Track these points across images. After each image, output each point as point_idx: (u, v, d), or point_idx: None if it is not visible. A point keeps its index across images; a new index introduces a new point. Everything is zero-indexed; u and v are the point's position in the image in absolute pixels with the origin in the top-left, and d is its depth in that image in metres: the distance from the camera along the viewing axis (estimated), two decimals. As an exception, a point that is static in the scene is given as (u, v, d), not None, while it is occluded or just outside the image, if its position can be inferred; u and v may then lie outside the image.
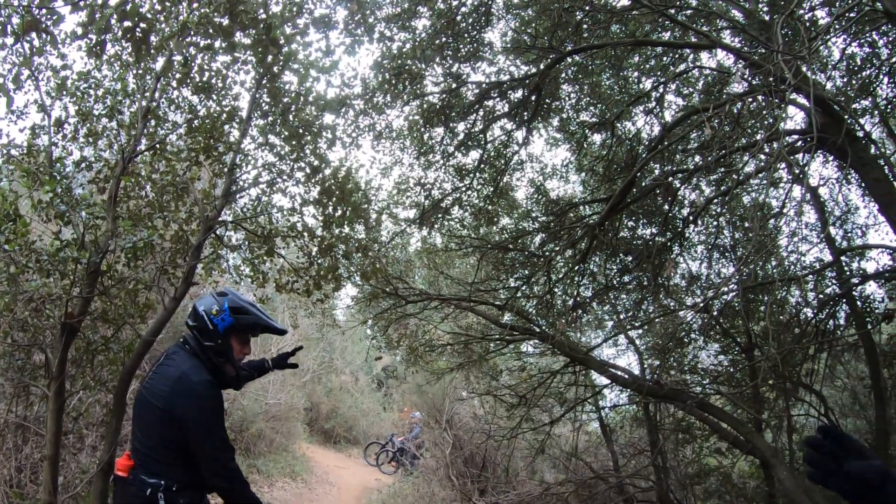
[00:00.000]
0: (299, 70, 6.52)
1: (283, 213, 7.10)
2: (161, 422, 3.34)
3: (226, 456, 3.41)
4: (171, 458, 3.37)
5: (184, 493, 3.39)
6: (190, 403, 3.32)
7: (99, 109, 6.49)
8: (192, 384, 3.36)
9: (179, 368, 3.43)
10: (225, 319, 3.55)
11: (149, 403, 3.39)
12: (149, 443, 3.38)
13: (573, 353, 8.49)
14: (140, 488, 3.32)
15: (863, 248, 8.43)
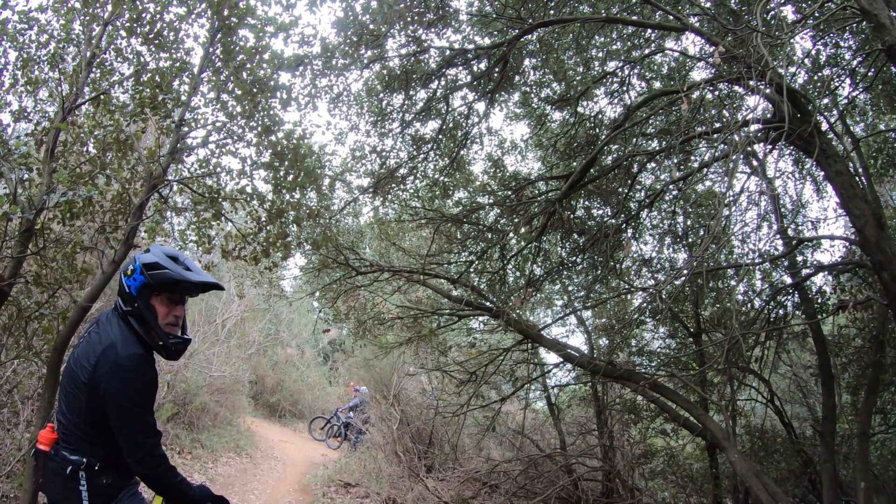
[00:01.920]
0: (256, 26, 6.25)
1: (233, 175, 6.81)
2: (86, 396, 3.03)
3: (150, 441, 3.07)
4: (95, 434, 3.10)
5: (106, 473, 3.16)
6: (113, 380, 2.98)
7: (41, 56, 6.11)
8: (119, 358, 3.01)
9: (108, 338, 3.08)
10: (136, 279, 3.14)
11: (74, 375, 3.08)
12: (73, 417, 3.11)
13: (525, 330, 8.44)
14: (61, 465, 3.10)
15: (818, 239, 8.52)
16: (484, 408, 10.55)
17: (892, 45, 4.79)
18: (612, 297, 9.22)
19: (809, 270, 8.46)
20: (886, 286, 5.54)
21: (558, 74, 8.88)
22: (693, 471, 10.89)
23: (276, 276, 10.60)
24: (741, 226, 8.42)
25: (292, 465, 14.07)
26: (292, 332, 22.62)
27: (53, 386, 5.53)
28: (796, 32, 5.94)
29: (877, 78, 7.56)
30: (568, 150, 8.98)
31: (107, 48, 6.15)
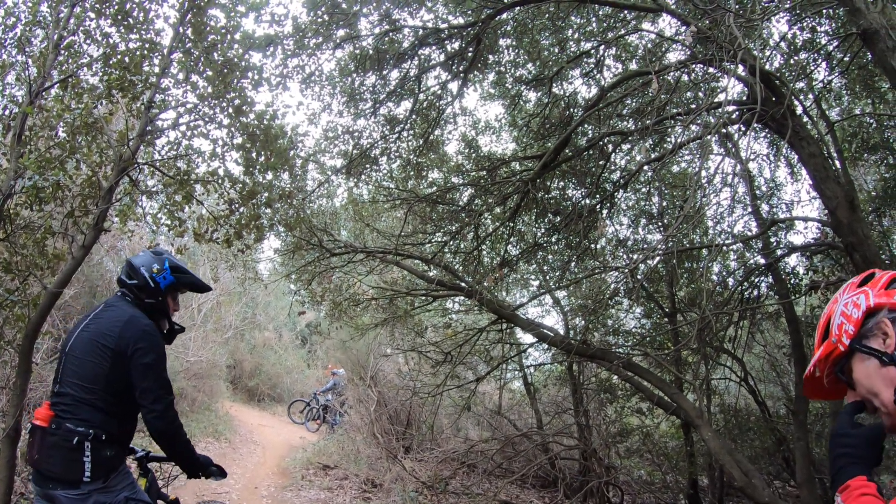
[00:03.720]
0: (227, 5, 6.15)
1: (204, 157, 6.71)
2: (111, 362, 3.33)
3: (169, 398, 3.44)
4: (112, 403, 3.35)
5: (111, 445, 3.34)
6: (142, 342, 3.38)
7: (7, 39, 5.96)
8: (145, 325, 3.47)
9: (127, 312, 3.50)
10: (167, 278, 3.70)
11: (95, 346, 3.36)
12: (89, 386, 3.32)
13: (500, 310, 8.44)
14: (65, 437, 3.22)
15: (792, 220, 8.60)
16: (460, 388, 10.59)
17: (867, 29, 4.78)
18: (587, 276, 9.23)
19: (783, 251, 8.54)
20: (858, 267, 5.58)
21: (533, 55, 8.83)
22: (668, 449, 11.02)
23: (250, 259, 10.52)
24: (715, 206, 8.48)
25: (271, 449, 14.05)
26: (269, 315, 22.53)
27: (26, 374, 5.48)
28: (771, 14, 5.94)
29: (852, 62, 7.58)
30: (542, 131, 8.95)
31: (75, 30, 6.01)
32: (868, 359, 1.71)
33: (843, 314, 1.79)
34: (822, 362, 1.85)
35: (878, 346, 1.69)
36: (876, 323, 1.71)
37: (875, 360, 1.69)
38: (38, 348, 7.46)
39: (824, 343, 1.85)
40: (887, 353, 1.66)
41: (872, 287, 1.76)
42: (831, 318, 1.84)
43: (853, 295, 1.79)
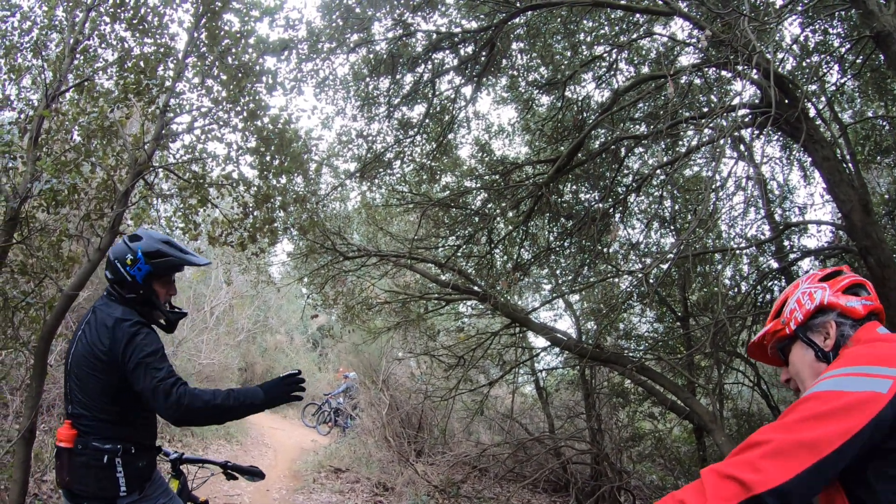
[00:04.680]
0: (241, 10, 6.18)
1: (219, 161, 6.76)
2: (108, 373, 3.11)
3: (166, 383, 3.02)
4: (126, 415, 3.18)
5: (141, 455, 3.23)
6: (129, 345, 3.08)
7: (24, 43, 6.01)
8: (129, 327, 3.13)
9: (112, 317, 3.18)
10: (142, 269, 3.30)
11: (92, 361, 3.13)
12: (98, 404, 3.13)
13: (513, 314, 8.44)
14: (94, 456, 3.08)
15: (805, 224, 8.56)
16: (472, 392, 10.59)
17: (880, 31, 4.78)
18: (600, 280, 9.23)
19: (796, 255, 8.50)
20: (872, 271, 5.56)
21: (546, 58, 8.85)
22: (680, 454, 10.97)
23: (263, 263, 10.56)
24: (728, 210, 8.46)
25: (283, 452, 14.07)
26: (281, 318, 22.57)
27: (41, 375, 5.48)
28: (784, 17, 5.93)
29: (865, 65, 7.56)
30: (555, 135, 8.97)
31: (90, 34, 6.05)
32: (807, 349, 1.90)
33: (798, 301, 1.94)
34: (770, 336, 2.04)
35: (819, 341, 1.87)
36: (823, 321, 1.87)
37: (812, 353, 1.87)
38: (53, 350, 7.52)
39: (775, 321, 2.02)
40: (823, 350, 1.84)
41: (832, 286, 1.90)
42: (787, 300, 2.00)
43: (813, 286, 1.94)
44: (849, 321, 1.84)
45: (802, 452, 1.45)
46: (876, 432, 1.46)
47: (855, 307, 1.85)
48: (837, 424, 1.46)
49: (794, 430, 1.49)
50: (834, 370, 1.62)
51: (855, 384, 1.52)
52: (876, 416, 1.45)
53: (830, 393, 1.53)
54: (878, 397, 1.47)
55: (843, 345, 1.82)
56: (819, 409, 1.50)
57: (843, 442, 1.44)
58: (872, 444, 1.47)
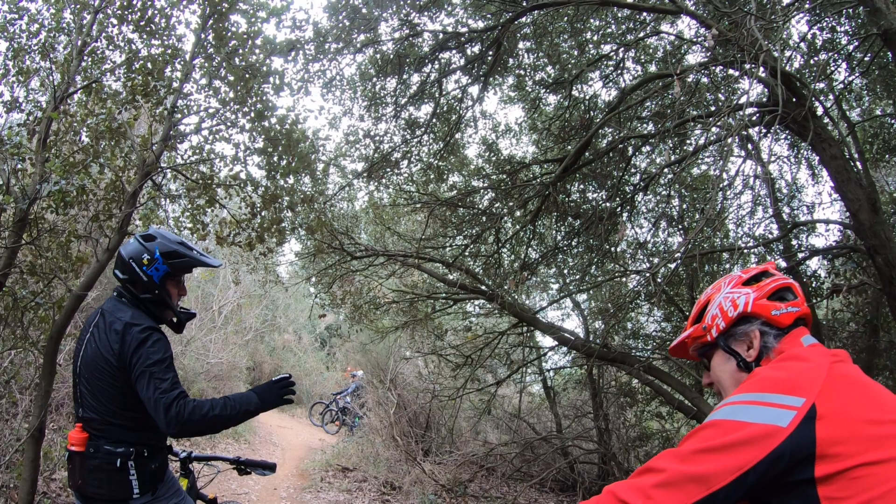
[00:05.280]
0: (248, 11, 6.20)
1: (226, 161, 6.78)
2: (120, 380, 3.09)
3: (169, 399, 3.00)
4: (135, 419, 3.15)
5: (154, 458, 3.23)
6: (138, 351, 3.06)
7: (32, 45, 6.04)
8: (139, 332, 3.10)
9: (122, 321, 3.14)
10: (160, 269, 3.30)
11: (102, 365, 3.11)
12: (109, 407, 3.13)
13: (521, 313, 8.44)
14: (106, 459, 3.08)
15: (813, 223, 8.54)
16: (480, 391, 10.60)
17: (888, 29, 4.77)
18: (607, 280, 9.22)
19: (804, 254, 8.47)
20: (880, 270, 5.54)
21: (552, 57, 8.85)
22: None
23: (271, 262, 10.58)
24: (736, 209, 8.42)
25: (291, 451, 14.12)
26: (289, 317, 22.61)
27: (50, 375, 5.51)
28: (791, 15, 5.92)
29: (873, 63, 7.53)
30: (562, 134, 8.97)
31: (98, 36, 6.07)
32: (729, 358, 1.82)
33: (721, 307, 1.85)
34: (692, 339, 1.95)
35: (741, 351, 1.79)
36: (747, 331, 1.79)
37: (735, 363, 1.81)
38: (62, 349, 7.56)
39: (696, 325, 1.93)
40: (746, 360, 1.77)
41: (757, 291, 1.80)
42: (709, 304, 1.91)
43: (735, 291, 1.84)
44: (774, 330, 1.77)
45: (692, 486, 1.43)
46: (774, 467, 1.42)
47: (780, 316, 1.77)
48: (730, 459, 1.43)
49: (687, 462, 1.47)
50: (738, 395, 1.57)
51: (755, 415, 1.48)
52: (772, 452, 1.41)
53: (729, 423, 1.49)
54: (776, 431, 1.43)
55: (765, 356, 1.76)
56: (714, 442, 1.47)
57: (734, 478, 1.41)
58: (772, 479, 1.44)
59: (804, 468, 1.41)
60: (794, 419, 1.43)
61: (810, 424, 1.42)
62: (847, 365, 1.61)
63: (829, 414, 1.43)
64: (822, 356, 1.62)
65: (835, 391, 1.49)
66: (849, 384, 1.53)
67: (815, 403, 1.45)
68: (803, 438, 1.41)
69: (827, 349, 1.68)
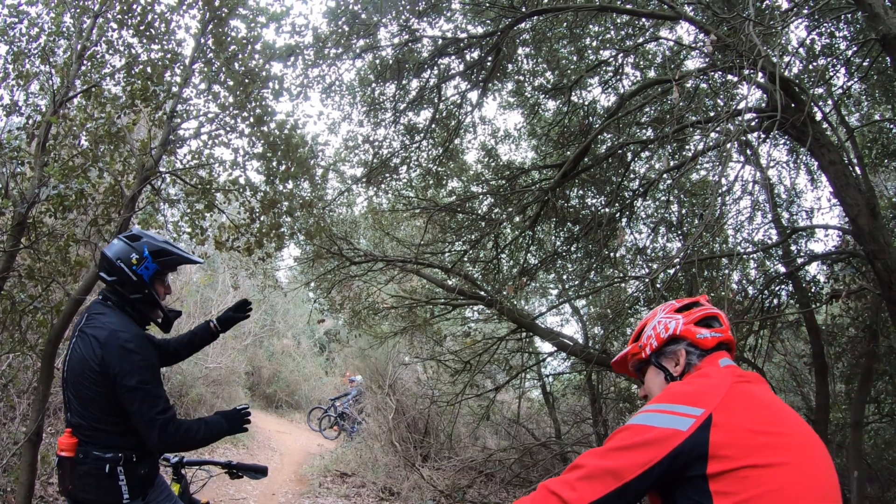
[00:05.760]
0: (247, 16, 6.21)
1: (225, 166, 6.78)
2: (102, 386, 3.06)
3: (163, 417, 3.09)
4: (121, 424, 3.13)
5: (144, 463, 3.21)
6: (122, 363, 3.03)
7: (32, 49, 6.04)
8: (123, 342, 3.07)
9: (108, 326, 3.12)
10: (149, 267, 3.28)
11: (87, 372, 3.08)
12: (94, 413, 3.10)
13: (520, 319, 8.44)
14: (95, 465, 3.07)
15: (812, 228, 8.54)
16: (479, 397, 10.58)
17: (886, 34, 4.77)
18: (606, 285, 9.22)
19: (803, 259, 8.47)
20: (880, 275, 5.53)
21: (552, 63, 8.85)
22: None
23: (270, 267, 10.58)
24: (735, 214, 8.43)
25: (289, 456, 14.09)
26: (288, 322, 22.58)
27: (48, 379, 5.51)
28: (789, 21, 5.92)
29: (871, 68, 7.54)
30: (561, 139, 8.98)
31: (98, 41, 6.09)
32: (659, 372, 2.17)
33: (655, 329, 2.20)
34: (630, 356, 2.32)
35: (669, 367, 2.13)
36: (675, 350, 2.13)
37: (663, 376, 2.15)
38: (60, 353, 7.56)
39: (634, 344, 2.30)
40: (672, 375, 2.11)
41: (686, 317, 2.15)
42: (646, 326, 2.26)
43: (668, 317, 2.20)
44: (697, 351, 2.09)
45: (608, 478, 1.72)
46: (674, 463, 1.70)
47: (704, 339, 2.09)
48: (638, 456, 1.71)
49: (605, 458, 1.76)
50: (651, 404, 1.86)
51: (661, 421, 1.76)
52: (673, 451, 1.69)
53: (639, 427, 1.78)
54: (676, 434, 1.71)
55: (689, 371, 2.09)
56: (627, 442, 1.76)
57: (641, 471, 1.69)
58: (674, 473, 1.71)
59: (698, 465, 1.69)
60: (693, 425, 1.71)
61: (706, 430, 1.71)
62: (752, 385, 1.90)
63: (723, 423, 1.71)
64: (727, 376, 1.91)
65: (731, 405, 1.77)
66: (745, 400, 1.81)
67: (713, 413, 1.73)
68: (699, 441, 1.69)
69: (739, 371, 1.97)
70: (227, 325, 4.15)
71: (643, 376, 2.28)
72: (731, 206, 8.20)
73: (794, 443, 1.75)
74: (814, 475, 1.72)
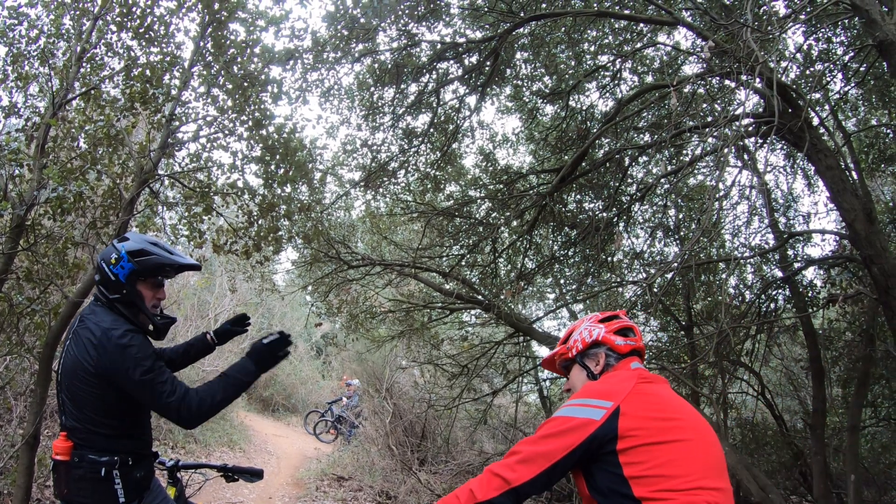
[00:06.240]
0: (247, 19, 6.22)
1: (224, 169, 6.78)
2: (98, 388, 3.03)
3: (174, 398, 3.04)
4: (116, 426, 3.12)
5: (139, 466, 3.20)
6: (121, 361, 3.00)
7: (31, 51, 6.04)
8: (117, 339, 3.02)
9: (100, 326, 3.07)
10: (125, 267, 3.20)
11: (81, 374, 3.05)
12: (89, 416, 3.07)
13: (517, 323, 8.44)
14: (91, 469, 3.05)
15: (809, 233, 8.56)
16: (476, 401, 10.59)
17: (883, 40, 4.80)
18: (604, 290, 9.21)
19: (800, 264, 8.49)
20: (876, 280, 5.55)
21: (550, 68, 8.88)
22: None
23: (267, 271, 10.58)
24: (732, 219, 8.46)
25: (286, 459, 14.07)
26: (285, 325, 22.52)
27: (45, 381, 5.49)
28: (787, 27, 5.95)
29: (868, 73, 7.57)
30: (559, 144, 9.00)
31: (97, 43, 6.09)
32: (582, 370, 2.62)
33: (581, 335, 2.65)
34: (559, 356, 2.75)
35: (591, 366, 2.59)
36: (596, 353, 2.58)
37: (586, 373, 2.60)
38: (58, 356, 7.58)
39: (563, 345, 2.73)
40: (594, 373, 2.56)
41: (607, 327, 2.60)
42: (574, 332, 2.71)
43: (593, 325, 2.64)
44: (614, 354, 2.56)
45: (540, 460, 2.18)
46: (591, 445, 2.16)
47: (620, 346, 2.55)
48: (563, 441, 2.18)
49: (537, 444, 2.21)
50: (572, 399, 2.32)
51: (579, 412, 2.22)
52: (590, 435, 2.16)
53: (562, 418, 2.24)
54: (592, 423, 2.18)
55: (606, 370, 2.55)
56: (553, 430, 2.21)
57: (566, 453, 2.16)
58: (591, 453, 2.17)
59: (610, 444, 2.15)
60: (605, 415, 2.18)
61: (615, 418, 2.17)
62: (654, 384, 2.37)
63: (629, 412, 2.18)
64: (634, 377, 2.37)
65: (635, 398, 2.24)
66: (646, 395, 2.28)
67: (620, 405, 2.20)
68: (610, 427, 2.16)
69: (645, 372, 2.44)
70: (224, 339, 4.14)
71: (569, 373, 2.73)
72: (729, 210, 8.24)
73: (687, 426, 2.22)
74: (703, 449, 2.19)
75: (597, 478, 2.22)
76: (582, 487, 2.32)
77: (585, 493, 2.31)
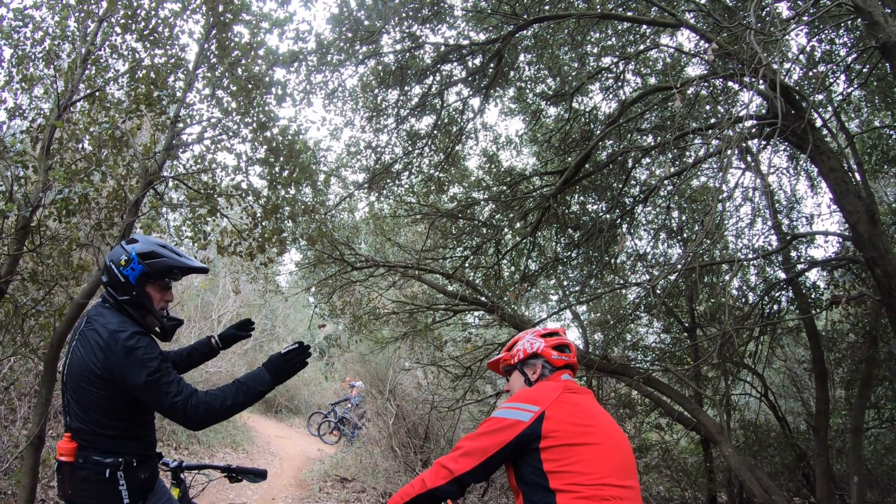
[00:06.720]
0: (251, 21, 6.23)
1: (228, 171, 6.79)
2: (105, 389, 3.04)
3: (180, 398, 3.05)
4: (122, 428, 3.13)
5: (143, 467, 3.21)
6: (128, 363, 3.00)
7: (36, 53, 6.06)
8: (125, 341, 3.03)
9: (108, 328, 3.08)
10: (135, 269, 3.22)
11: (87, 375, 3.05)
12: (94, 417, 3.08)
13: (521, 325, 8.45)
14: (95, 470, 3.05)
15: (812, 235, 8.56)
16: (479, 402, 10.58)
17: (885, 42, 4.80)
18: (607, 291, 9.23)
19: (803, 266, 8.49)
20: (879, 282, 5.56)
21: (553, 70, 8.89)
22: (687, 465, 10.93)
23: (271, 272, 10.59)
24: (735, 221, 8.46)
25: (289, 461, 14.09)
26: (288, 327, 22.56)
27: (50, 382, 5.50)
28: (790, 29, 5.96)
29: (871, 74, 7.57)
30: (563, 146, 9.00)
31: (102, 45, 6.09)
32: (521, 376, 3.03)
33: (524, 346, 3.04)
34: (503, 361, 3.15)
35: (529, 374, 3.00)
36: (535, 363, 2.99)
37: (524, 379, 3.01)
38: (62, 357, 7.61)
39: (508, 353, 3.12)
40: (531, 380, 2.98)
41: (547, 342, 3.00)
42: (518, 342, 3.09)
43: (535, 339, 3.03)
44: (549, 367, 2.97)
45: (478, 453, 2.62)
46: (520, 442, 2.58)
47: (555, 359, 2.96)
48: (497, 438, 2.61)
49: (476, 440, 2.65)
50: (507, 402, 2.74)
51: (511, 414, 2.65)
52: (519, 434, 2.58)
53: (496, 419, 2.67)
54: (520, 423, 2.60)
55: (541, 379, 2.96)
56: (489, 428, 2.65)
57: (498, 449, 2.60)
58: (520, 448, 2.60)
59: (535, 443, 2.57)
60: (532, 418, 2.60)
61: (540, 421, 2.59)
62: (578, 395, 2.80)
63: (552, 416, 2.60)
64: (561, 387, 2.79)
65: (559, 406, 2.66)
66: (569, 403, 2.70)
67: (545, 410, 2.62)
68: (535, 428, 2.58)
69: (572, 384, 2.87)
70: (228, 343, 4.19)
71: (509, 377, 3.14)
72: (732, 212, 8.24)
73: (601, 431, 2.64)
74: (613, 452, 2.60)
75: (523, 470, 2.64)
76: (511, 478, 2.73)
77: (514, 484, 2.72)
